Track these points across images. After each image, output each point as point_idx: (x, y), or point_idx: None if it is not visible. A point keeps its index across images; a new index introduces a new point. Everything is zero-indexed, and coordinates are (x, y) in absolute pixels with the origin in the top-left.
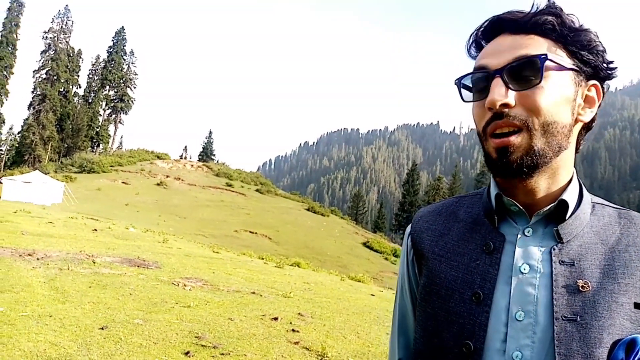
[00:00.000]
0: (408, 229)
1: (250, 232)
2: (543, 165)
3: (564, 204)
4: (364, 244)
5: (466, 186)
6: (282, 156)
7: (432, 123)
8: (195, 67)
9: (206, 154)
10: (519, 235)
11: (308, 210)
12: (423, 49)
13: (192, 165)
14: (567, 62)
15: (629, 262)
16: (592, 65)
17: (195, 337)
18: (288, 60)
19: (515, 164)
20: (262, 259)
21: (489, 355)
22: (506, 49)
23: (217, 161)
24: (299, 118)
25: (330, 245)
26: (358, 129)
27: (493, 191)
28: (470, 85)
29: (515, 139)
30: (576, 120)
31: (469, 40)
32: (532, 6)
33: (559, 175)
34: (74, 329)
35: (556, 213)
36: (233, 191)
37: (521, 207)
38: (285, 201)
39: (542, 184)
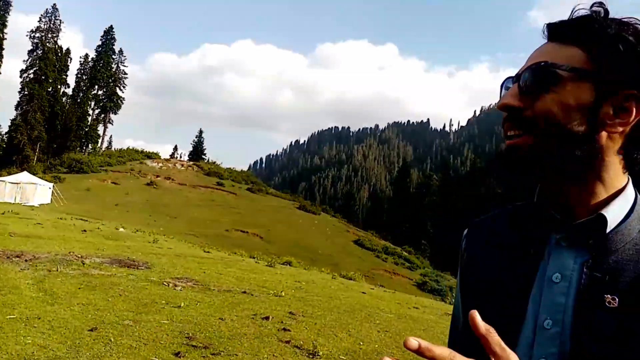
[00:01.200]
0: (465, 232)
1: (241, 231)
2: (557, 169)
3: (602, 218)
4: (356, 242)
5: (456, 183)
6: (273, 155)
7: (422, 121)
8: (179, 64)
9: (197, 153)
10: (555, 244)
11: (299, 208)
12: (414, 47)
13: (182, 165)
14: (589, 70)
15: None
16: (629, 74)
17: (186, 337)
18: (274, 53)
19: (519, 162)
20: (254, 258)
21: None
22: (535, 57)
23: (208, 160)
24: (289, 117)
25: (322, 244)
26: (349, 127)
27: (536, 199)
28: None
29: (523, 140)
30: (609, 132)
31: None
32: (572, 12)
33: (592, 187)
34: (63, 331)
35: (595, 226)
36: (224, 190)
37: (558, 216)
38: (277, 200)
39: (572, 194)
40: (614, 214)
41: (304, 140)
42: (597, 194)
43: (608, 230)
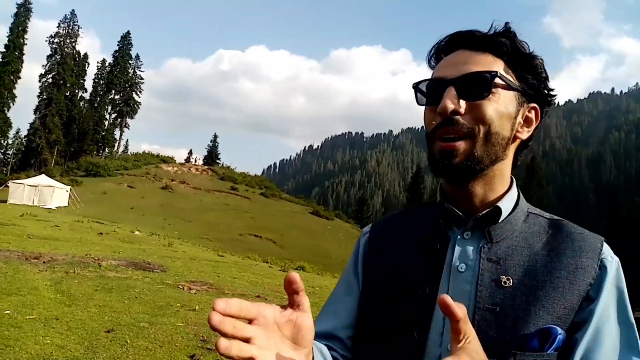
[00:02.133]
0: (366, 230)
1: (255, 235)
2: (479, 172)
3: (497, 210)
4: None
5: None
6: (286, 160)
7: None
8: (196, 70)
9: (211, 158)
10: (459, 238)
11: (312, 213)
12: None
13: (197, 169)
14: (514, 82)
15: (549, 262)
16: (535, 89)
17: (201, 340)
18: (288, 60)
19: (456, 167)
20: (267, 262)
21: (429, 345)
22: (461, 63)
23: (222, 165)
24: (303, 122)
25: (335, 249)
26: (362, 133)
27: (438, 198)
28: (425, 91)
29: (460, 144)
30: (515, 138)
31: (430, 51)
32: (491, 27)
33: (494, 184)
34: (80, 332)
35: (491, 218)
36: (238, 195)
37: (460, 213)
38: (290, 205)
39: (478, 191)
40: (505, 207)
41: (318, 146)
42: (497, 190)
43: (500, 220)
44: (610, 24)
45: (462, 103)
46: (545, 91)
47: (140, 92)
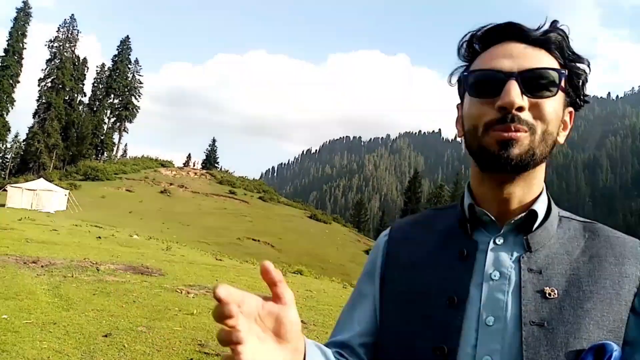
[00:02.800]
0: (383, 234)
1: (253, 239)
2: (529, 169)
3: (533, 214)
4: (366, 252)
5: None
6: (284, 164)
7: (433, 131)
8: (194, 74)
9: (210, 162)
10: (491, 244)
11: (310, 217)
12: (425, 56)
13: (195, 173)
14: (565, 84)
15: (592, 271)
16: (577, 93)
17: (199, 344)
18: (286, 64)
19: (515, 159)
20: None
21: (460, 358)
22: (520, 56)
23: (221, 169)
24: (302, 125)
25: (333, 253)
26: (360, 137)
27: (466, 201)
28: (475, 82)
29: (522, 135)
30: (556, 141)
31: (462, 40)
32: (542, 24)
33: (533, 186)
34: (77, 337)
35: (526, 223)
36: (236, 199)
37: (492, 217)
38: (288, 209)
39: (517, 192)
40: (540, 210)
41: (316, 150)
42: (534, 192)
43: (536, 226)
44: (606, 29)
45: (525, 99)
46: (583, 96)
47: (139, 96)
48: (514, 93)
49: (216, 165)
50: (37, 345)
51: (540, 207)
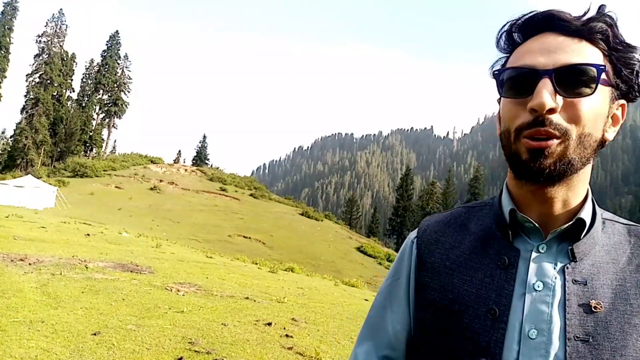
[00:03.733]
0: (412, 236)
1: (244, 236)
2: (569, 176)
3: (580, 223)
4: (358, 249)
5: (460, 191)
6: (276, 161)
7: (425, 128)
8: (189, 70)
9: (200, 159)
10: (533, 252)
11: (302, 215)
12: (419, 55)
13: (186, 170)
14: (611, 76)
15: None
16: (629, 85)
17: (189, 342)
18: (284, 64)
19: (548, 169)
20: (256, 264)
21: None
22: (556, 50)
23: (211, 166)
24: (294, 123)
25: (324, 250)
26: (352, 134)
27: (507, 206)
28: (509, 80)
29: (553, 143)
30: (604, 138)
31: (500, 30)
32: (587, 11)
33: (578, 189)
34: (66, 335)
35: (571, 231)
36: (227, 196)
37: (536, 224)
38: (279, 206)
39: (560, 196)
40: (587, 217)
41: (308, 146)
42: (579, 196)
43: (583, 234)
44: None
45: (559, 99)
46: (637, 87)
47: (128, 92)
48: (546, 94)
49: (206, 161)
50: (24, 343)
51: (587, 214)
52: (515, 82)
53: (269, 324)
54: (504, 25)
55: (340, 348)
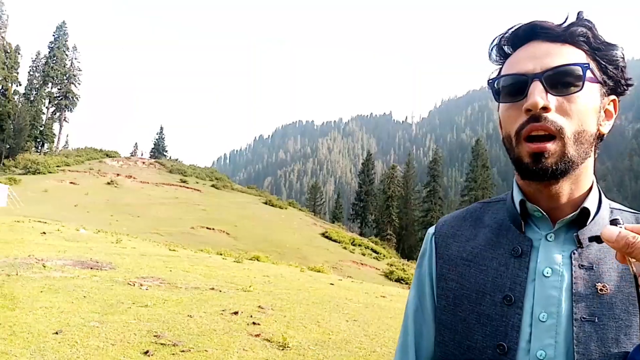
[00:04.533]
0: (431, 232)
1: (207, 228)
2: (571, 172)
3: (585, 212)
4: (323, 235)
5: (419, 174)
6: (237, 150)
7: (384, 113)
8: (142, 61)
9: (158, 151)
10: (542, 240)
11: (266, 203)
12: (375, 38)
13: (143, 163)
14: (597, 74)
15: None
16: (615, 80)
17: (154, 336)
18: (237, 52)
19: (550, 169)
20: (221, 254)
21: (518, 356)
22: (543, 55)
23: (170, 158)
24: (253, 112)
25: (289, 238)
26: (313, 121)
27: (517, 197)
28: (504, 88)
29: (551, 146)
30: (599, 132)
31: (491, 44)
32: (566, 18)
33: (581, 182)
34: (25, 336)
35: (578, 219)
36: (188, 187)
37: (544, 213)
38: (242, 195)
39: (565, 190)
40: (591, 206)
41: (269, 135)
42: (583, 188)
43: (588, 222)
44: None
45: (552, 98)
46: (624, 81)
47: (79, 84)
48: (538, 94)
49: (165, 154)
50: None
51: (592, 204)
52: (510, 89)
53: (236, 312)
54: (494, 40)
55: (307, 332)
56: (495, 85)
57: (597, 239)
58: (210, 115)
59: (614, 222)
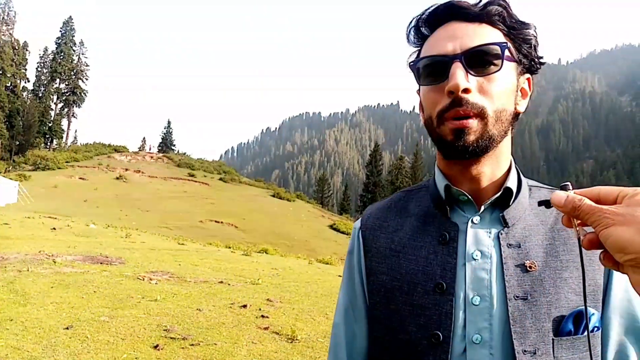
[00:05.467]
0: (357, 225)
1: (215, 221)
2: (491, 149)
3: (508, 191)
4: (331, 227)
5: (427, 164)
6: (244, 143)
7: (392, 103)
8: (147, 56)
9: (166, 145)
10: (469, 224)
11: (273, 196)
12: (382, 27)
13: (152, 157)
14: (514, 53)
15: (567, 239)
16: (529, 59)
17: (164, 330)
18: (245, 45)
19: (472, 146)
20: (229, 247)
21: (454, 341)
22: (462, 36)
23: (178, 152)
24: (260, 104)
25: (298, 230)
26: (320, 113)
27: (441, 182)
28: (425, 70)
29: (473, 122)
30: (516, 111)
31: (409, 25)
32: None
33: (501, 162)
34: (37, 331)
35: (501, 200)
36: (196, 181)
37: (469, 197)
38: (250, 188)
39: (487, 170)
40: (513, 185)
41: (276, 127)
42: (503, 168)
43: (511, 201)
44: None
45: (472, 79)
46: (537, 59)
47: (86, 79)
48: (459, 76)
49: (173, 147)
50: None
51: (513, 183)
52: (431, 70)
53: (244, 306)
54: (411, 22)
55: (316, 324)
56: (416, 67)
57: (547, 203)
58: (218, 109)
59: (564, 187)
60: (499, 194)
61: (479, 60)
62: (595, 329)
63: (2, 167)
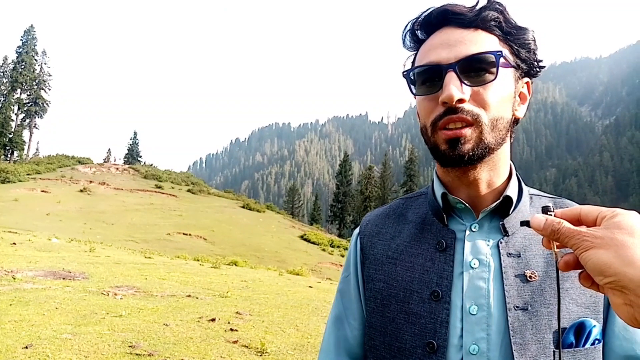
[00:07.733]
0: (356, 232)
1: (183, 234)
2: (487, 157)
3: (508, 200)
4: (302, 237)
5: (396, 174)
6: (213, 154)
7: (360, 114)
8: (111, 65)
9: (132, 156)
10: (467, 232)
11: (243, 207)
12: (350, 39)
13: (117, 169)
14: (511, 59)
15: (568, 249)
16: (528, 63)
17: (129, 346)
18: (212, 55)
19: (467, 155)
20: (198, 260)
21: (449, 351)
22: (455, 43)
23: (145, 163)
24: (229, 115)
25: (268, 241)
26: (289, 123)
27: (439, 190)
28: (419, 79)
29: (467, 131)
30: (515, 117)
31: (404, 29)
32: (477, 2)
33: (500, 169)
34: None
35: (500, 208)
36: (163, 193)
37: (467, 205)
38: (219, 200)
39: (484, 176)
40: (513, 194)
41: (245, 138)
42: (502, 175)
43: (511, 210)
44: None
45: (467, 89)
46: (536, 63)
47: (49, 89)
48: (453, 86)
49: (139, 159)
50: None
51: (513, 191)
52: (424, 80)
53: (213, 319)
54: (407, 25)
55: (286, 337)
56: (410, 76)
57: (528, 224)
58: (186, 119)
59: (545, 209)
60: (498, 202)
61: (474, 69)
62: (597, 341)
63: None
